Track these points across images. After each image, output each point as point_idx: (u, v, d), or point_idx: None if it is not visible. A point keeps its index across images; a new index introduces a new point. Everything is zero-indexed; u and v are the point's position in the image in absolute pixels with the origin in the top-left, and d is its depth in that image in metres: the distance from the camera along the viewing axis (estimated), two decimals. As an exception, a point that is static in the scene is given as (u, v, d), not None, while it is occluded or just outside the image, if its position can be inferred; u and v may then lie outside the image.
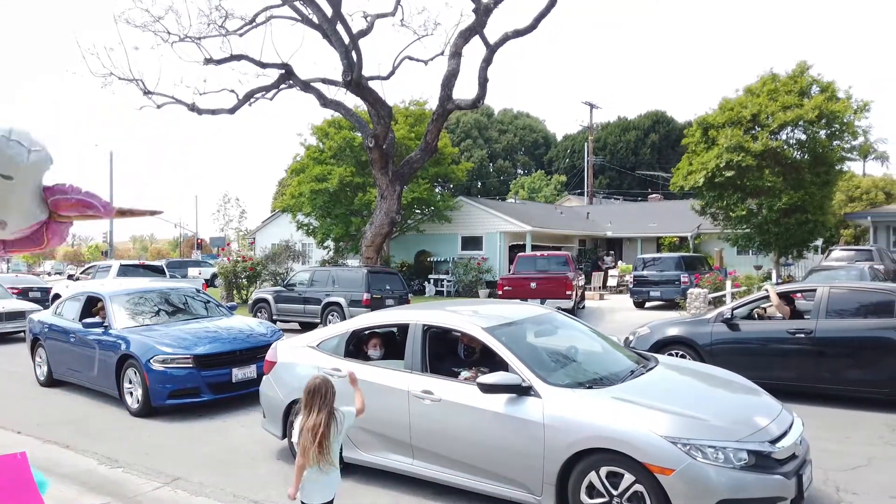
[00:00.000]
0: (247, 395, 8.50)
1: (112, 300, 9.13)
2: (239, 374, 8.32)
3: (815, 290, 8.47)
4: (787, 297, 9.19)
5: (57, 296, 20.29)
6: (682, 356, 8.69)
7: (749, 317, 8.92)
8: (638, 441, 4.07)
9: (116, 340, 8.42)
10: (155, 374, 7.81)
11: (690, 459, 3.95)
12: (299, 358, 6.05)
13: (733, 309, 8.88)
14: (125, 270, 20.98)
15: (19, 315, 15.19)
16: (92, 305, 9.58)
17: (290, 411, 5.86)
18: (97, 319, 8.94)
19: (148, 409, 7.94)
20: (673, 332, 9.14)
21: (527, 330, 5.64)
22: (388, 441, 5.36)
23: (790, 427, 4.49)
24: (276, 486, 5.58)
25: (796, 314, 9.04)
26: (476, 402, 4.75)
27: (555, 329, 5.93)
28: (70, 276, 26.59)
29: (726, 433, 4.13)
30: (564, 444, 4.30)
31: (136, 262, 25.40)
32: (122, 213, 3.11)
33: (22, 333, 14.81)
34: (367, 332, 6.16)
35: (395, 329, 6.38)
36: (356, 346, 6.07)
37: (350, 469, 5.52)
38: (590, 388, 4.64)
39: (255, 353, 8.59)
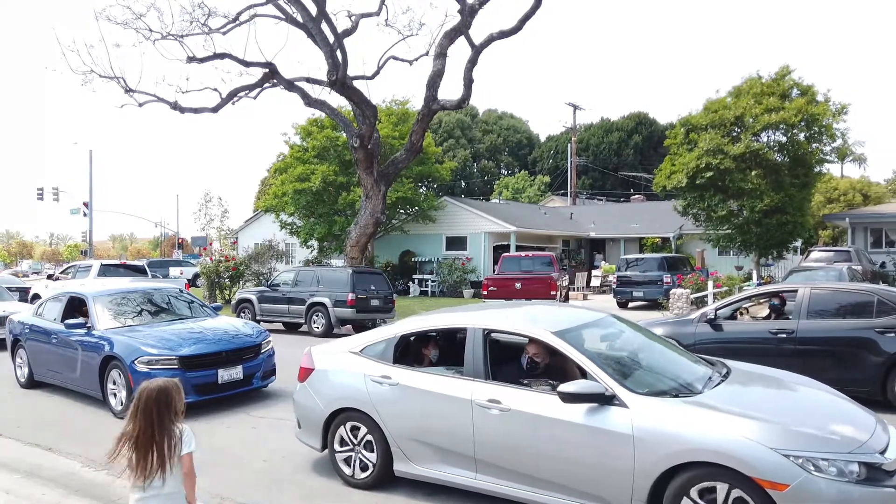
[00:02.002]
0: (232, 397, 8.46)
1: (95, 300, 8.96)
2: (225, 375, 8.21)
3: (796, 291, 8.59)
4: (779, 297, 9.34)
5: (36, 296, 19.99)
6: None
7: (732, 317, 9.03)
8: (746, 454, 3.76)
9: (100, 341, 8.28)
10: (139, 376, 7.63)
11: (806, 474, 3.66)
12: (341, 364, 5.69)
13: (717, 309, 8.97)
14: (106, 270, 20.73)
15: (2, 321, 14.86)
16: (74, 306, 9.44)
17: (331, 422, 5.58)
18: (80, 320, 8.81)
19: None
20: (657, 332, 9.19)
21: (592, 335, 5.23)
22: (446, 453, 4.97)
23: (889, 437, 4.20)
24: (262, 488, 5.55)
25: (779, 314, 9.19)
26: (552, 413, 4.41)
27: (616, 333, 5.52)
28: (49, 276, 26.20)
29: (837, 444, 3.87)
30: (658, 458, 3.98)
31: (117, 261, 25.10)
32: None
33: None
34: (416, 337, 5.84)
35: (447, 333, 6.05)
36: (404, 352, 5.69)
37: (401, 483, 5.31)
38: (676, 396, 4.35)
39: (240, 353, 8.50)
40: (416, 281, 28.54)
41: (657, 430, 4.04)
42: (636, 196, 47.49)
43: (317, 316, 16.23)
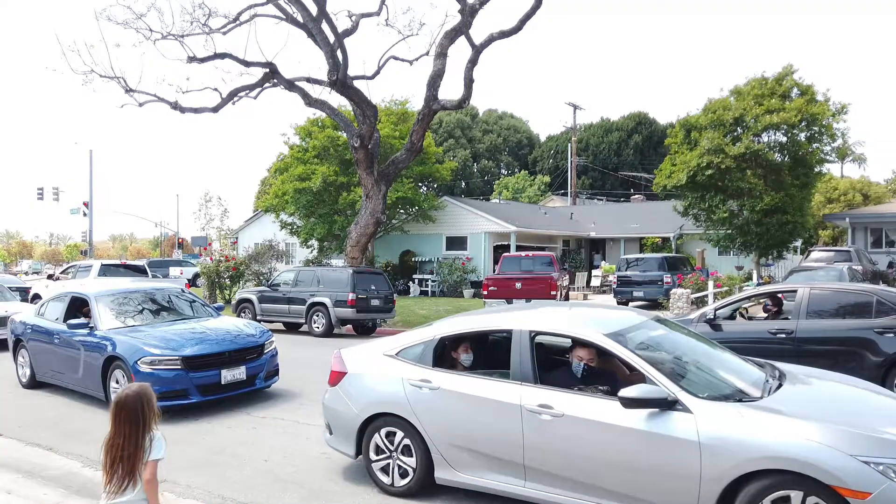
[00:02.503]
0: (233, 396, 8.45)
1: (97, 300, 8.95)
2: (228, 375, 8.21)
3: (795, 291, 8.59)
4: (775, 298, 9.36)
5: (37, 296, 19.98)
6: None
7: (731, 317, 9.03)
8: (824, 461, 3.62)
9: (102, 342, 8.26)
10: (142, 376, 7.62)
11: (889, 481, 3.52)
12: (376, 368, 5.52)
13: (716, 309, 8.97)
14: (106, 270, 20.73)
15: (2, 321, 14.74)
16: (76, 306, 9.42)
17: (366, 428, 5.40)
18: (82, 320, 8.78)
19: None
20: None
21: (641, 337, 5.00)
22: (492, 460, 4.79)
23: None
24: (263, 488, 5.56)
25: (775, 315, 9.20)
26: (610, 418, 4.27)
27: (664, 336, 5.29)
28: (50, 276, 26.20)
29: None
30: (728, 466, 3.84)
31: (118, 261, 25.08)
32: None
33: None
34: (455, 339, 5.61)
35: (486, 336, 5.88)
36: (443, 355, 5.52)
37: (442, 491, 5.16)
38: (739, 401, 4.20)
39: (244, 354, 8.48)
40: (417, 281, 28.54)
41: (725, 436, 3.91)
42: (636, 196, 47.49)
43: (317, 316, 16.24)
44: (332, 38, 17.15)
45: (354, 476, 5.78)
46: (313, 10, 17.04)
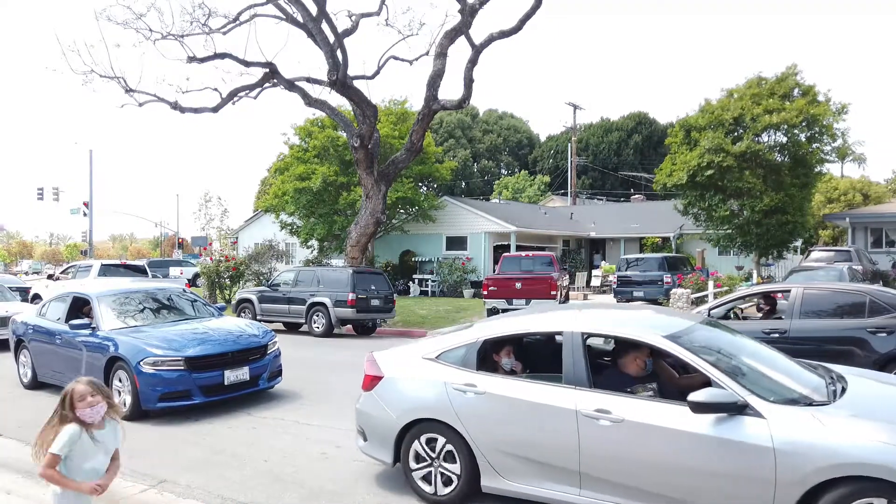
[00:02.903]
0: (235, 397, 8.43)
1: (100, 301, 8.90)
2: (231, 376, 8.18)
3: (789, 291, 8.65)
4: (768, 298, 9.38)
5: (37, 296, 19.97)
6: None
7: (725, 317, 9.07)
8: None
9: (105, 342, 8.22)
10: (145, 377, 7.66)
11: None
12: (415, 372, 5.30)
13: (710, 309, 9.04)
14: (106, 270, 20.74)
15: (5, 321, 14.63)
16: (78, 306, 9.38)
17: (405, 434, 5.18)
18: (84, 321, 8.72)
19: (138, 413, 7.77)
20: None
21: (698, 338, 4.78)
22: (544, 467, 4.60)
23: None
24: (262, 488, 5.56)
25: (769, 314, 9.26)
26: (674, 423, 4.11)
27: (717, 337, 5.06)
28: (50, 276, 26.19)
29: None
30: (806, 473, 3.70)
31: (118, 261, 25.08)
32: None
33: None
34: (499, 342, 5.41)
35: (532, 337, 5.68)
36: (485, 358, 5.32)
37: (489, 500, 4.96)
38: (809, 405, 4.07)
39: (246, 354, 8.45)
40: (417, 281, 28.54)
41: (801, 442, 3.77)
42: (636, 196, 47.48)
43: (317, 316, 16.24)
44: (331, 38, 17.15)
45: (354, 476, 5.78)
46: (313, 10, 17.03)
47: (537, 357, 5.63)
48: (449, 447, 4.98)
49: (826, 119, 20.86)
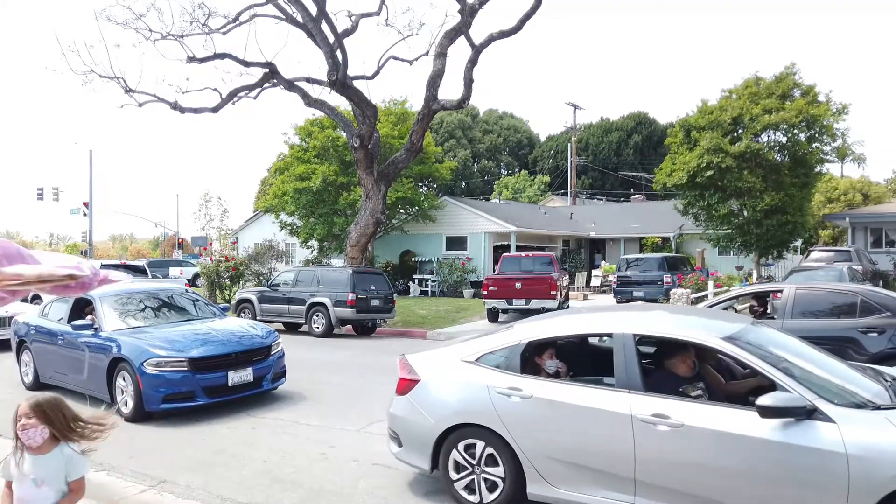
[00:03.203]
0: (237, 398, 8.39)
1: (102, 301, 8.78)
2: (235, 377, 8.12)
3: (781, 291, 8.72)
4: (760, 298, 9.50)
5: (36, 296, 19.95)
6: None
7: None
8: None
9: (107, 343, 8.14)
10: (148, 378, 7.60)
11: None
12: (455, 375, 5.10)
13: None
14: (106, 270, 20.69)
15: (7, 321, 14.56)
16: (80, 307, 9.33)
17: (444, 440, 4.98)
18: (87, 321, 8.62)
19: (141, 414, 7.72)
20: None
21: (754, 340, 4.61)
22: (597, 474, 4.43)
23: None
24: (262, 489, 5.55)
25: (762, 314, 9.41)
26: (738, 428, 3.98)
27: (770, 338, 4.87)
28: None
29: None
30: (881, 479, 3.58)
31: (117, 262, 25.07)
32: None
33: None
34: (542, 344, 5.19)
35: (578, 339, 5.58)
36: (528, 360, 5.13)
37: None
38: (877, 408, 3.94)
39: (250, 355, 8.41)
40: (417, 281, 28.54)
41: (876, 447, 3.65)
42: (636, 196, 47.49)
43: (317, 316, 16.24)
44: (331, 38, 17.15)
45: (354, 476, 5.78)
46: (313, 10, 17.04)
47: (577, 359, 5.49)
48: (490, 451, 4.81)
49: (826, 119, 20.87)
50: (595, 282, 29.40)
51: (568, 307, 20.37)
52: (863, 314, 7.84)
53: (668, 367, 4.90)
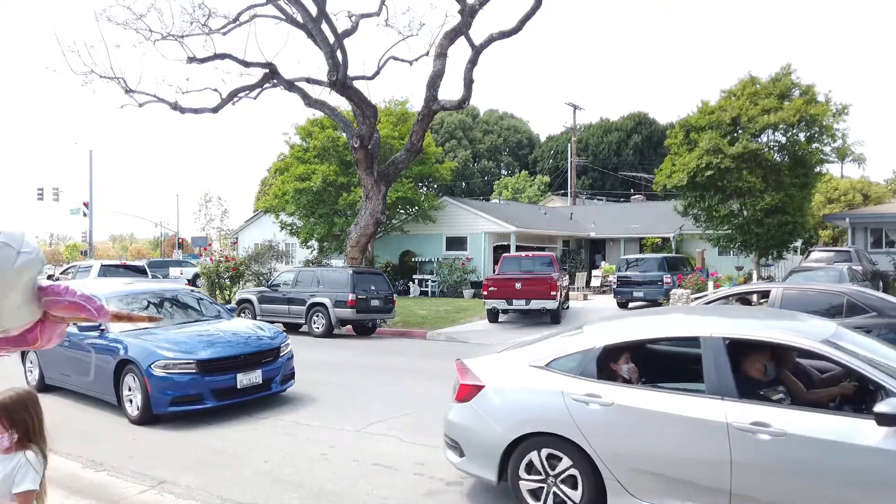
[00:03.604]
0: (242, 400, 8.29)
1: (108, 301, 8.38)
2: (244, 379, 8.01)
3: (769, 292, 8.84)
4: (744, 299, 9.69)
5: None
6: None
7: None
8: None
9: (114, 344, 8.01)
10: (156, 381, 7.48)
11: None
12: (523, 381, 4.86)
13: None
14: (106, 270, 20.71)
15: None
16: None
17: (513, 450, 4.73)
18: (93, 322, 8.58)
19: (148, 417, 7.59)
20: None
21: (848, 343, 4.42)
22: (688, 486, 4.21)
23: None
24: (261, 489, 5.56)
25: None
26: (850, 437, 3.79)
27: (858, 341, 4.69)
28: (49, 276, 26.16)
29: None
30: None
31: (117, 262, 25.07)
32: (118, 317, 3.15)
33: None
34: (619, 348, 4.95)
35: (658, 342, 5.41)
36: (604, 366, 4.91)
37: None
38: None
39: (259, 357, 8.28)
40: (417, 281, 28.54)
41: None
42: (636, 196, 47.50)
43: (317, 316, 16.25)
44: (331, 39, 17.16)
45: (354, 477, 5.78)
46: (313, 10, 17.05)
47: (647, 363, 5.26)
48: (567, 462, 4.56)
49: (826, 119, 20.86)
50: (595, 282, 29.40)
51: (567, 308, 20.39)
52: (849, 314, 7.93)
53: (745, 371, 4.70)
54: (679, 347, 5.49)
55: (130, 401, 7.80)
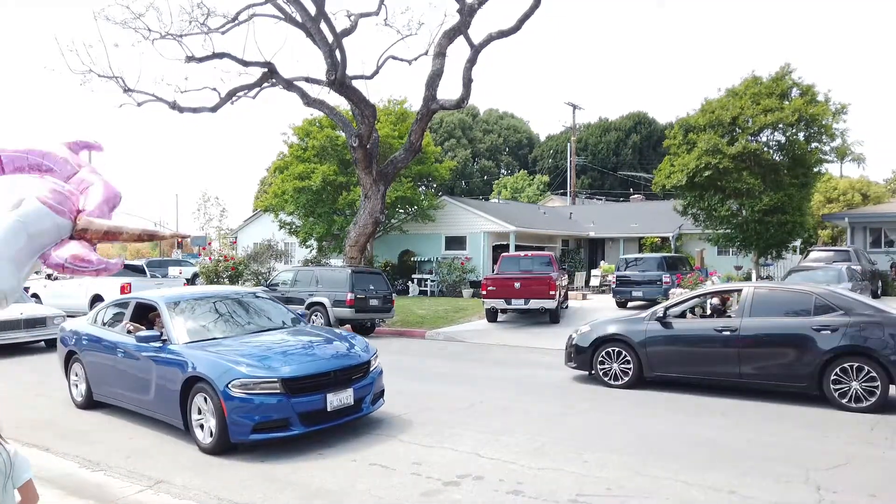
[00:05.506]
0: (333, 425, 7.02)
1: (170, 307, 7.60)
2: (334, 400, 6.71)
3: (741, 291, 9.17)
4: (720, 297, 10.34)
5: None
6: (619, 353, 9.45)
7: (682, 315, 9.56)
8: None
9: (180, 358, 6.86)
10: (235, 403, 6.26)
11: None
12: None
13: (666, 308, 9.51)
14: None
15: (40, 322, 13.84)
16: (142, 313, 8.21)
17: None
18: (154, 332, 7.30)
19: (225, 446, 6.43)
20: (611, 329, 9.75)
21: None
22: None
23: None
24: (258, 488, 5.55)
25: (721, 313, 10.13)
26: None
27: None
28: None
29: None
30: None
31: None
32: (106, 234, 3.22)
33: (42, 343, 14.07)
34: None
35: None
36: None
37: None
38: None
39: (350, 373, 7.03)
40: (416, 281, 28.52)
41: None
42: (635, 196, 47.50)
43: (315, 316, 16.22)
44: (330, 38, 17.13)
45: (351, 476, 5.77)
46: (312, 9, 17.02)
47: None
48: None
49: (825, 119, 20.85)
50: (594, 281, 29.39)
51: (567, 307, 20.37)
52: (817, 313, 8.21)
53: None
54: None
55: (201, 426, 6.62)
